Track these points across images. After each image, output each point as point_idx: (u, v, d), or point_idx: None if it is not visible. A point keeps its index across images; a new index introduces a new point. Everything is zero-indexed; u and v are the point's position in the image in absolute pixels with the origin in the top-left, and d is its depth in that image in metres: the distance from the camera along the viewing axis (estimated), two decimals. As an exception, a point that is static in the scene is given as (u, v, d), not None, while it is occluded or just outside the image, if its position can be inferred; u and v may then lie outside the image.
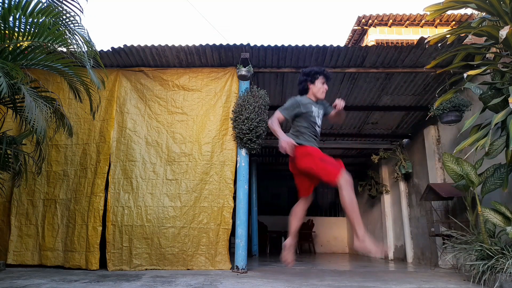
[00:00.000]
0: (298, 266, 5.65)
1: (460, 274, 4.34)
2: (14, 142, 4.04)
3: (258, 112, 4.70)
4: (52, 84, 5.18)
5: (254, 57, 4.98)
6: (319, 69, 3.22)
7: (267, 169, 10.89)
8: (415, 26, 9.83)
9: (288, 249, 3.21)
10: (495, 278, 3.11)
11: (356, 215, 2.72)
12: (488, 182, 3.75)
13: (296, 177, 3.21)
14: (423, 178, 6.64)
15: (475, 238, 3.73)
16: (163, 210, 4.68)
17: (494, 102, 3.33)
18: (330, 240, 11.75)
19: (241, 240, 4.52)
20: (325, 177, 2.82)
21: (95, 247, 4.49)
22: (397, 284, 3.50)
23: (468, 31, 3.40)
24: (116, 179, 4.79)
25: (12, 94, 3.48)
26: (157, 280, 3.51)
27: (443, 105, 4.70)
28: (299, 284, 3.46)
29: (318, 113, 3.17)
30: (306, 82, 3.20)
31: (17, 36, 3.49)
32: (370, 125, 7.28)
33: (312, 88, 3.19)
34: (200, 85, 5.18)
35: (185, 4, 42.22)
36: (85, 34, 3.71)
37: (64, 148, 5.01)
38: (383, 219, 8.40)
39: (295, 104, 3.06)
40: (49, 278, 3.64)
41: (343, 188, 2.71)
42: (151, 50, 4.91)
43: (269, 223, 10.74)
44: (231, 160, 4.85)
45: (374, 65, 5.13)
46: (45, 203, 4.85)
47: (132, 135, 4.96)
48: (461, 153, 4.86)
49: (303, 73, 3.25)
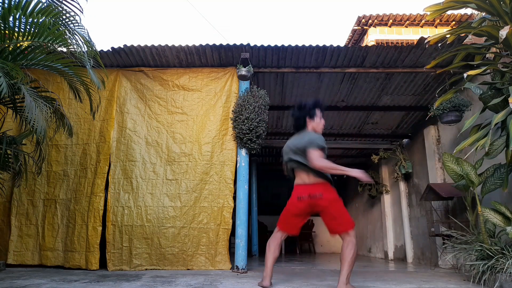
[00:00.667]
0: (298, 266, 5.65)
1: (460, 274, 4.34)
2: (14, 142, 4.04)
3: (258, 112, 4.70)
4: (52, 84, 5.18)
5: (254, 57, 4.98)
6: (315, 103, 3.14)
7: (267, 169, 10.89)
8: (415, 26, 9.83)
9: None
10: (495, 278, 3.11)
11: (350, 268, 2.80)
12: (488, 182, 3.75)
13: (293, 216, 3.05)
14: (423, 178, 6.64)
15: (475, 238, 3.73)
16: (163, 210, 4.68)
17: (494, 102, 3.33)
18: (330, 240, 11.73)
19: (241, 240, 4.52)
20: (338, 226, 2.87)
21: (95, 247, 4.49)
22: (397, 284, 3.50)
23: (468, 31, 3.39)
24: (116, 179, 4.79)
25: (12, 94, 3.48)
26: (157, 280, 3.51)
27: (443, 105, 4.69)
28: (299, 284, 3.46)
29: None
30: (305, 118, 3.12)
31: (17, 36, 3.48)
32: (370, 125, 7.28)
33: (311, 123, 3.11)
34: (200, 85, 5.18)
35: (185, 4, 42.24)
36: (85, 34, 3.71)
37: (64, 148, 5.02)
38: (383, 219, 8.40)
39: (323, 141, 2.96)
40: (49, 278, 3.64)
41: (351, 243, 2.80)
42: (151, 50, 4.91)
43: (269, 223, 10.71)
44: (231, 160, 4.85)
45: (374, 65, 5.13)
46: (45, 203, 4.86)
47: (132, 135, 4.96)
48: (461, 153, 4.86)
49: (299, 108, 3.16)
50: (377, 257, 8.79)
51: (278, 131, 7.57)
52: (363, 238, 10.03)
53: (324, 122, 3.20)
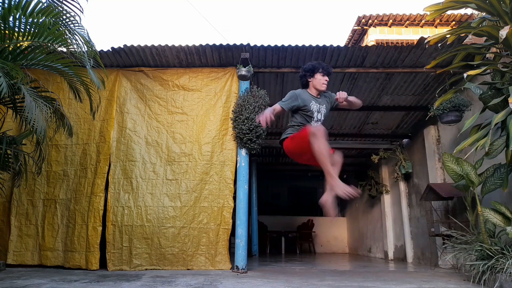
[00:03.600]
0: (298, 266, 5.66)
1: (460, 274, 4.34)
2: (14, 142, 4.04)
3: (258, 112, 4.70)
4: (52, 84, 5.18)
5: (254, 57, 4.98)
6: (318, 63, 3.23)
7: (267, 169, 10.89)
8: (415, 26, 9.82)
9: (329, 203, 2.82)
10: (495, 278, 3.11)
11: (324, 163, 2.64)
12: (488, 182, 3.75)
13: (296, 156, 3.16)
14: (423, 178, 6.64)
15: (475, 238, 3.73)
16: (163, 210, 4.68)
17: (494, 102, 3.33)
18: (330, 240, 11.75)
19: (241, 240, 4.52)
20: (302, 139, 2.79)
21: (95, 247, 4.49)
22: (397, 284, 3.50)
23: (468, 31, 3.39)
24: (116, 179, 4.79)
25: (12, 94, 3.48)
26: (157, 280, 3.51)
27: (443, 105, 4.69)
28: (299, 284, 3.45)
29: (319, 108, 3.15)
30: (306, 77, 3.21)
31: (17, 36, 3.49)
32: (370, 125, 7.29)
33: (312, 81, 3.19)
34: (200, 85, 5.18)
35: (185, 4, 42.22)
36: (85, 34, 3.71)
37: (64, 148, 5.01)
38: (383, 219, 8.40)
39: (293, 97, 3.05)
40: (49, 278, 3.64)
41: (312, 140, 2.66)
42: (151, 50, 4.90)
43: (269, 223, 10.73)
44: (231, 160, 4.85)
45: (374, 65, 5.13)
46: (45, 203, 4.85)
47: (132, 135, 4.96)
48: (461, 153, 4.86)
49: (303, 69, 3.27)
50: (377, 257, 8.79)
51: (278, 131, 7.57)
52: (363, 238, 10.03)
53: (327, 79, 3.22)
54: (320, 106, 3.17)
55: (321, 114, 3.17)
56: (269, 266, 5.68)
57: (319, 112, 3.14)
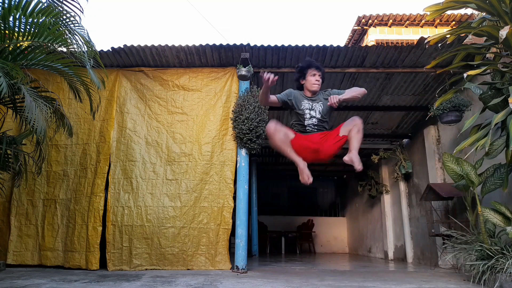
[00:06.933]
0: (298, 266, 5.66)
1: (460, 274, 4.34)
2: (14, 142, 4.04)
3: (258, 112, 4.70)
4: (52, 84, 5.17)
5: (254, 57, 4.98)
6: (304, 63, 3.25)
7: (267, 169, 10.89)
8: (415, 26, 9.82)
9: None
10: (495, 278, 3.11)
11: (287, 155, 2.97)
12: (488, 182, 3.75)
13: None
14: (423, 178, 6.64)
15: (475, 238, 3.73)
16: (163, 210, 4.68)
17: (494, 102, 3.33)
18: (330, 240, 11.75)
19: (241, 240, 4.52)
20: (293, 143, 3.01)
21: (95, 247, 4.49)
22: (397, 284, 3.50)
23: (468, 31, 3.39)
24: (116, 179, 4.79)
25: (12, 94, 3.48)
26: (157, 280, 3.51)
27: (443, 105, 4.69)
28: (299, 284, 3.46)
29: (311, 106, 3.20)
30: (299, 81, 3.26)
31: (17, 36, 3.48)
32: (370, 125, 7.28)
33: (305, 83, 3.24)
34: (200, 85, 5.18)
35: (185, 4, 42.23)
36: (85, 34, 3.71)
37: (64, 148, 5.01)
38: (383, 219, 8.40)
39: (288, 93, 3.20)
40: (49, 278, 3.64)
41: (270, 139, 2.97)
42: (151, 50, 4.90)
43: (269, 223, 10.74)
44: (231, 160, 4.85)
45: (374, 65, 5.13)
46: (45, 203, 4.85)
47: (132, 135, 4.96)
48: (461, 153, 4.86)
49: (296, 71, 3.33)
50: (377, 257, 8.79)
51: (278, 131, 7.56)
52: (363, 238, 10.03)
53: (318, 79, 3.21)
54: (314, 104, 3.20)
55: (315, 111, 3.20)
56: (269, 266, 5.68)
57: (312, 110, 3.19)
